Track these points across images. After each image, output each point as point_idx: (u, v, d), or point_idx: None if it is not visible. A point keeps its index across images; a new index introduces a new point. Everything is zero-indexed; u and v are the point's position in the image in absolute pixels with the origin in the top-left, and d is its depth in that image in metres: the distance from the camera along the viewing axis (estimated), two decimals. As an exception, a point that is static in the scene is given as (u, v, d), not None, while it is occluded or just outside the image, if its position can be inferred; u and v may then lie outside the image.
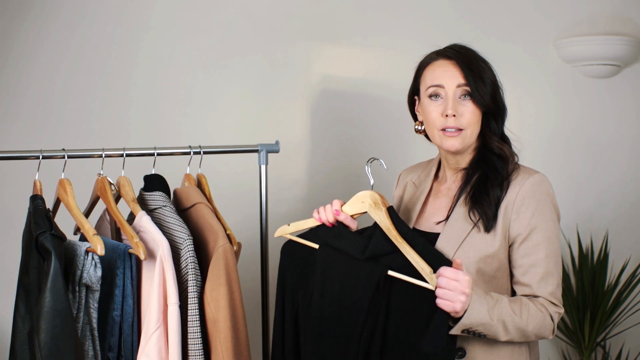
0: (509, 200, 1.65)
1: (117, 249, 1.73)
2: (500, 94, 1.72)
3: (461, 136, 1.68)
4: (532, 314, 1.60)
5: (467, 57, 1.69)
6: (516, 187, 1.66)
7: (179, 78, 2.69)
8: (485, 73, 1.69)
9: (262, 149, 2.10)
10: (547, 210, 1.66)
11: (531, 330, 1.60)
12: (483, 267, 1.64)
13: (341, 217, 1.72)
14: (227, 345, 1.72)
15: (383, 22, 2.85)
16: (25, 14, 2.55)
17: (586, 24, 2.94)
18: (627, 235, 3.01)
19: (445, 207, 1.75)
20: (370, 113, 2.85)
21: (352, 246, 1.68)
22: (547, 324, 1.62)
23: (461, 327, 1.54)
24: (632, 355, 2.97)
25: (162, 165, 1.96)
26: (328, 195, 2.77)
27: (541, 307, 1.62)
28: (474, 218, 1.66)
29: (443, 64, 1.70)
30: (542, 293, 1.63)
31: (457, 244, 1.66)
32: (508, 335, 1.58)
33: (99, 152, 1.88)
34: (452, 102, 1.67)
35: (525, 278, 1.64)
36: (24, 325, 1.66)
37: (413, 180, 1.89)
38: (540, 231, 1.64)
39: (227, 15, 2.72)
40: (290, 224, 1.81)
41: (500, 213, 1.65)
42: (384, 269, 1.62)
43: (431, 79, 1.71)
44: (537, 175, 1.68)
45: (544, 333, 1.63)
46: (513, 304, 1.59)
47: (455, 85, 1.67)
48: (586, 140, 3.03)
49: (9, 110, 2.55)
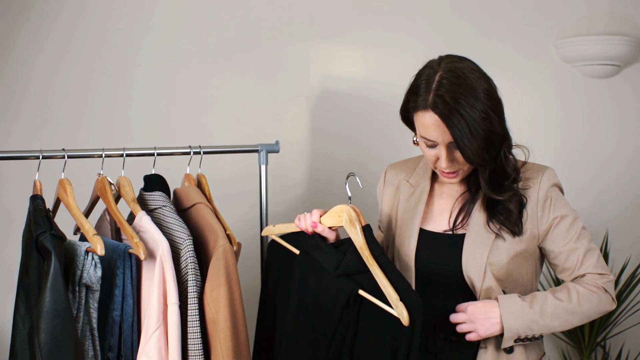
0: (532, 200, 1.69)
1: (117, 249, 1.73)
2: (495, 123, 1.60)
3: (459, 174, 1.70)
4: (582, 295, 1.65)
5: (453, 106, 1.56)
6: (535, 185, 1.70)
7: (179, 78, 2.69)
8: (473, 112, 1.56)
9: (262, 149, 2.10)
10: (563, 197, 1.73)
11: (587, 310, 1.65)
12: (512, 267, 1.68)
13: (318, 229, 1.74)
14: (227, 345, 1.72)
15: (383, 22, 2.84)
16: (25, 14, 2.55)
17: (586, 24, 2.94)
18: (627, 235, 3.01)
19: (452, 208, 1.76)
20: (371, 113, 2.85)
21: (326, 260, 1.70)
22: (603, 298, 1.67)
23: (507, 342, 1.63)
24: (632, 355, 2.97)
25: (162, 165, 1.96)
26: (328, 196, 2.78)
27: (590, 286, 1.66)
28: (495, 228, 1.69)
29: (432, 118, 1.59)
30: (587, 269, 1.68)
31: (488, 248, 1.67)
32: (567, 324, 1.65)
33: (99, 152, 1.88)
34: (445, 161, 1.63)
35: (568, 263, 1.69)
36: (24, 325, 1.66)
37: (407, 180, 1.85)
38: (566, 218, 1.69)
39: (227, 15, 2.72)
40: (276, 225, 1.85)
41: (525, 214, 1.69)
42: (355, 287, 1.63)
43: (423, 130, 1.63)
44: (549, 169, 1.73)
45: (605, 307, 1.68)
46: (559, 293, 1.65)
47: (447, 141, 1.61)
48: (586, 140, 3.02)
49: (9, 110, 2.55)
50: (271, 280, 1.86)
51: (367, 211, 1.78)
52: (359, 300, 1.63)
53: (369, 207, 1.93)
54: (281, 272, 1.83)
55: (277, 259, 1.85)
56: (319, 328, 1.68)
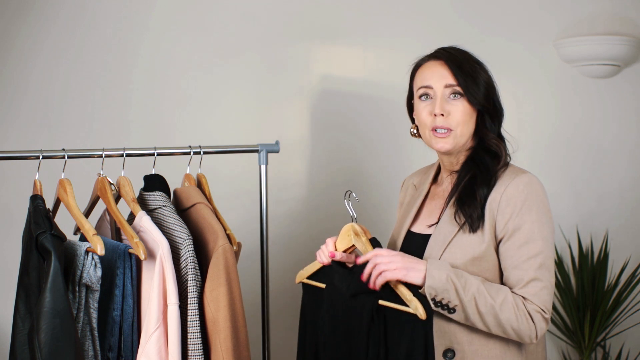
0: (494, 200, 1.63)
1: (117, 249, 1.73)
2: (495, 94, 1.71)
3: (451, 136, 1.67)
4: (507, 302, 1.55)
5: (457, 58, 1.69)
6: (501, 186, 1.63)
7: (179, 78, 2.69)
8: (477, 73, 1.68)
9: (262, 149, 2.10)
10: (534, 211, 1.60)
11: (505, 320, 1.55)
12: (472, 269, 1.63)
13: (337, 257, 1.74)
14: (227, 345, 1.72)
15: (383, 22, 2.85)
16: (25, 14, 2.55)
17: (586, 24, 2.94)
18: (627, 235, 3.01)
19: (439, 210, 1.75)
20: (371, 113, 2.85)
21: (341, 283, 1.72)
22: (524, 321, 1.56)
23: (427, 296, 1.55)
24: (632, 355, 2.97)
25: (162, 165, 1.96)
26: (328, 196, 2.78)
27: (519, 301, 1.57)
28: (459, 220, 1.65)
29: (432, 64, 1.71)
30: (523, 292, 1.58)
31: (444, 246, 1.65)
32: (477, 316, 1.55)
33: (99, 152, 1.88)
34: (440, 101, 1.67)
35: (509, 280, 1.61)
36: (24, 325, 1.66)
37: (414, 183, 1.90)
38: (523, 232, 1.59)
39: (227, 15, 2.72)
40: (304, 268, 1.85)
41: (486, 212, 1.63)
42: (375, 300, 1.64)
43: (420, 80, 1.71)
44: (525, 175, 1.64)
45: (523, 331, 1.56)
46: (488, 285, 1.57)
47: (443, 85, 1.67)
48: (586, 140, 3.03)
49: (9, 110, 2.55)
50: (309, 321, 1.87)
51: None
52: (382, 314, 1.65)
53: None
54: (316, 310, 1.84)
55: (312, 299, 1.86)
56: (355, 351, 1.70)
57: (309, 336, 1.86)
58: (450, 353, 1.63)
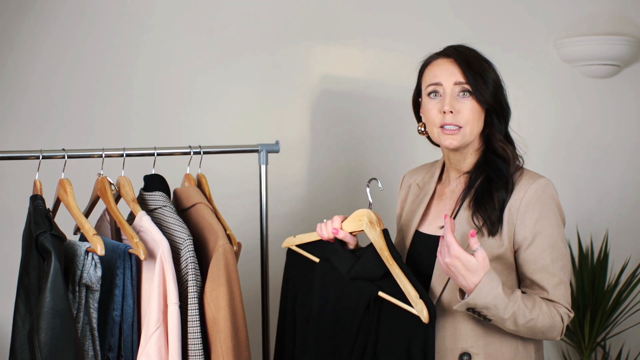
0: (513, 205, 1.64)
1: (117, 249, 1.73)
2: (503, 94, 1.71)
3: (460, 133, 1.67)
4: (543, 312, 1.59)
5: (466, 56, 1.69)
6: (520, 191, 1.64)
7: (179, 78, 2.69)
8: (486, 72, 1.69)
9: (262, 149, 2.10)
10: (552, 215, 1.65)
11: (539, 328, 1.60)
12: None
13: (340, 235, 1.73)
14: (227, 345, 1.72)
15: (383, 22, 2.85)
16: (25, 14, 2.55)
17: (586, 24, 2.94)
18: (627, 235, 3.01)
19: (449, 211, 1.74)
20: (371, 113, 2.85)
21: (341, 263, 1.71)
22: (557, 325, 1.62)
23: (465, 306, 1.55)
24: (632, 355, 2.97)
25: (162, 165, 1.96)
26: (328, 196, 2.78)
27: (552, 308, 1.61)
28: (478, 223, 1.65)
29: (442, 62, 1.70)
30: (552, 296, 1.63)
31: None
32: (515, 327, 1.58)
33: (99, 152, 1.88)
34: (449, 98, 1.66)
35: (534, 283, 1.64)
36: (24, 325, 1.66)
37: (417, 182, 1.88)
38: (545, 236, 1.63)
39: (227, 15, 2.72)
40: (296, 236, 1.84)
41: (504, 217, 1.64)
42: (375, 290, 1.64)
43: (430, 77, 1.71)
44: (542, 179, 1.66)
45: (552, 333, 1.63)
46: (526, 300, 1.59)
47: (452, 82, 1.67)
48: (586, 140, 3.03)
49: (9, 110, 2.55)
50: (290, 290, 1.86)
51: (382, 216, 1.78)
52: (379, 305, 1.64)
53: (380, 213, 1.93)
54: (300, 282, 1.82)
55: (296, 269, 1.85)
56: (340, 334, 1.69)
57: (288, 309, 1.85)
58: (466, 357, 1.64)
